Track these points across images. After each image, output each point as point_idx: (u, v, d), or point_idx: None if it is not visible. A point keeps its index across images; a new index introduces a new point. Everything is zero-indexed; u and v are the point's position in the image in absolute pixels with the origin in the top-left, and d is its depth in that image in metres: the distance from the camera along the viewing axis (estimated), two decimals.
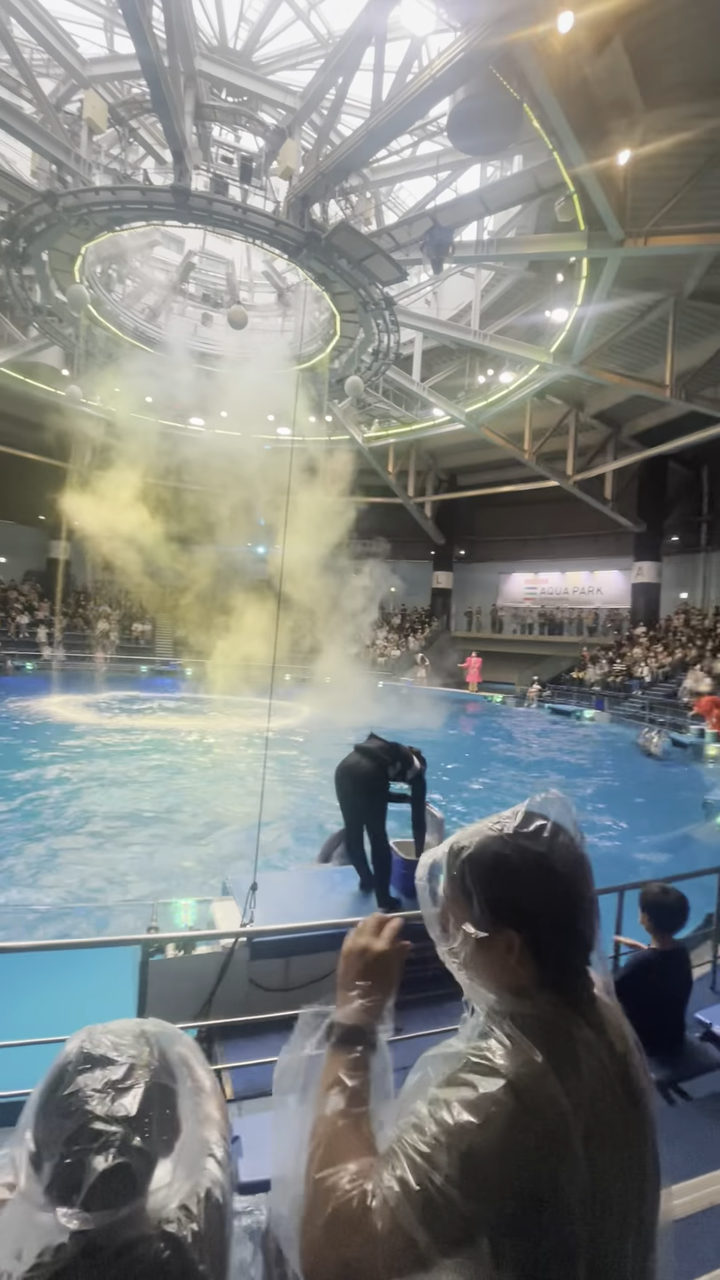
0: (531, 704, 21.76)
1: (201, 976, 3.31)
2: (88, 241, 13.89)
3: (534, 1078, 0.77)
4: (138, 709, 16.45)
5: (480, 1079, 0.77)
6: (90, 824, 7.48)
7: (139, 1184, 0.85)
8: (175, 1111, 0.91)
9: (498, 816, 0.94)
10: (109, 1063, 0.87)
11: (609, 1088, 0.81)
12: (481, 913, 0.88)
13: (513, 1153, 0.74)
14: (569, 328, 15.78)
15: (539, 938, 0.86)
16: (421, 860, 1.01)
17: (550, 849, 0.88)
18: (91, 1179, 0.80)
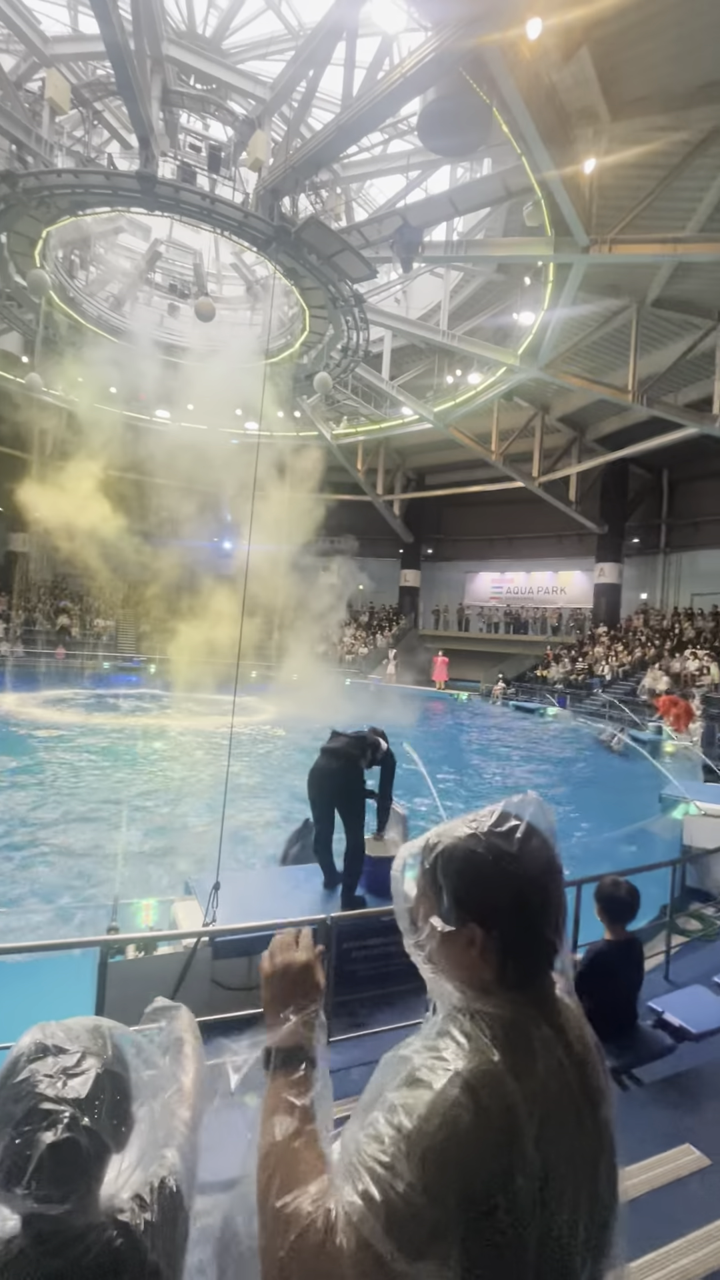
0: (496, 701, 22.07)
1: (163, 977, 3.27)
2: (49, 225, 13.50)
3: (490, 1077, 0.77)
4: (99, 706, 16.11)
5: (436, 1080, 0.77)
6: (49, 823, 7.31)
7: (88, 1163, 0.84)
8: (128, 1101, 0.91)
9: (474, 814, 0.95)
10: (61, 1051, 0.87)
11: (565, 1088, 0.82)
12: (449, 908, 0.90)
13: (471, 1155, 0.74)
14: (536, 331, 16.02)
15: (503, 936, 0.87)
16: (399, 854, 1.02)
17: (521, 850, 0.89)
18: (39, 1153, 0.79)
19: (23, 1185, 0.79)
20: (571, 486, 23.55)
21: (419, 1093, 0.77)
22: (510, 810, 0.93)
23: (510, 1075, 0.78)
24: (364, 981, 3.36)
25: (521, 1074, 0.79)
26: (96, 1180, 0.87)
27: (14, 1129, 0.81)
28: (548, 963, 0.90)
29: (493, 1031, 0.82)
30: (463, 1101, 0.75)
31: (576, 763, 13.98)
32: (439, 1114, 0.75)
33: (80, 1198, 0.85)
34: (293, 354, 18.83)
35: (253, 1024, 3.36)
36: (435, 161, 14.18)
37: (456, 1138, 0.74)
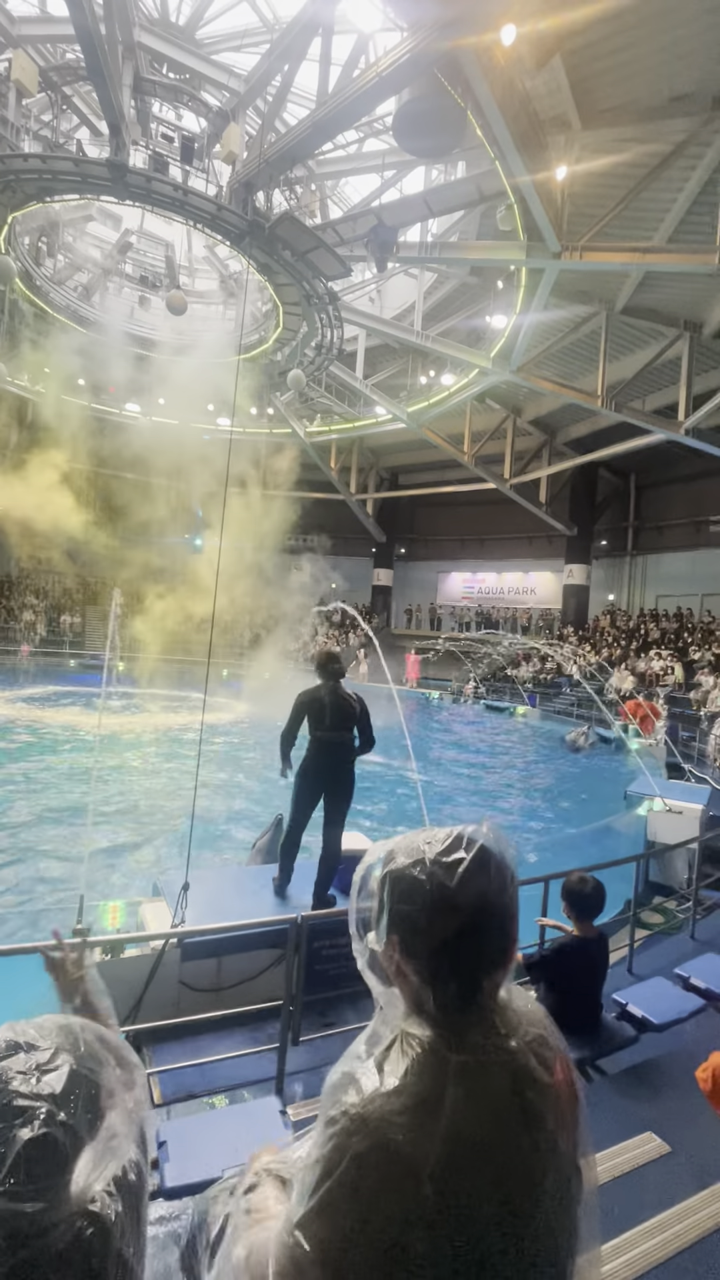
0: (467, 700, 22.29)
1: (130, 980, 3.21)
2: (15, 210, 13.16)
3: (388, 1119, 0.78)
4: (65, 704, 15.77)
5: (339, 1125, 0.80)
6: (14, 824, 7.13)
7: (65, 1159, 0.83)
8: (99, 1098, 0.90)
9: (430, 835, 0.94)
10: (33, 1048, 0.86)
11: (490, 1120, 0.81)
12: (385, 924, 0.91)
13: (359, 1207, 0.76)
14: (508, 334, 16.20)
15: (423, 966, 0.88)
16: (367, 856, 1.02)
17: (459, 885, 0.88)
18: (15, 1150, 0.78)
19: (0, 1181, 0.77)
20: (542, 489, 23.90)
21: (326, 1134, 0.80)
22: (464, 838, 0.92)
23: (415, 1111, 0.79)
24: (334, 980, 3.36)
25: (429, 1107, 0.79)
26: (67, 1181, 0.85)
27: None
28: (466, 1000, 0.88)
29: (412, 1059, 0.83)
30: (358, 1152, 0.77)
31: (545, 760, 14.21)
32: (335, 1164, 0.77)
33: (55, 1194, 0.84)
34: (266, 350, 18.70)
35: (220, 1026, 3.32)
36: (410, 162, 14.22)
37: (347, 1192, 0.76)
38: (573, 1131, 0.87)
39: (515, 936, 0.93)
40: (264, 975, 3.56)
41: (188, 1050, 3.15)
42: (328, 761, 4.14)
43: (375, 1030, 0.91)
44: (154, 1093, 2.94)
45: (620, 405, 17.08)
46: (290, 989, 2.98)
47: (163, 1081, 3.00)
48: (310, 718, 4.12)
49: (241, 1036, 3.31)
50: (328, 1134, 0.81)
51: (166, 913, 3.66)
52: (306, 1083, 3.03)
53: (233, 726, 14.41)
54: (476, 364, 18.12)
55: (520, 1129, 0.82)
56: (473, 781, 11.45)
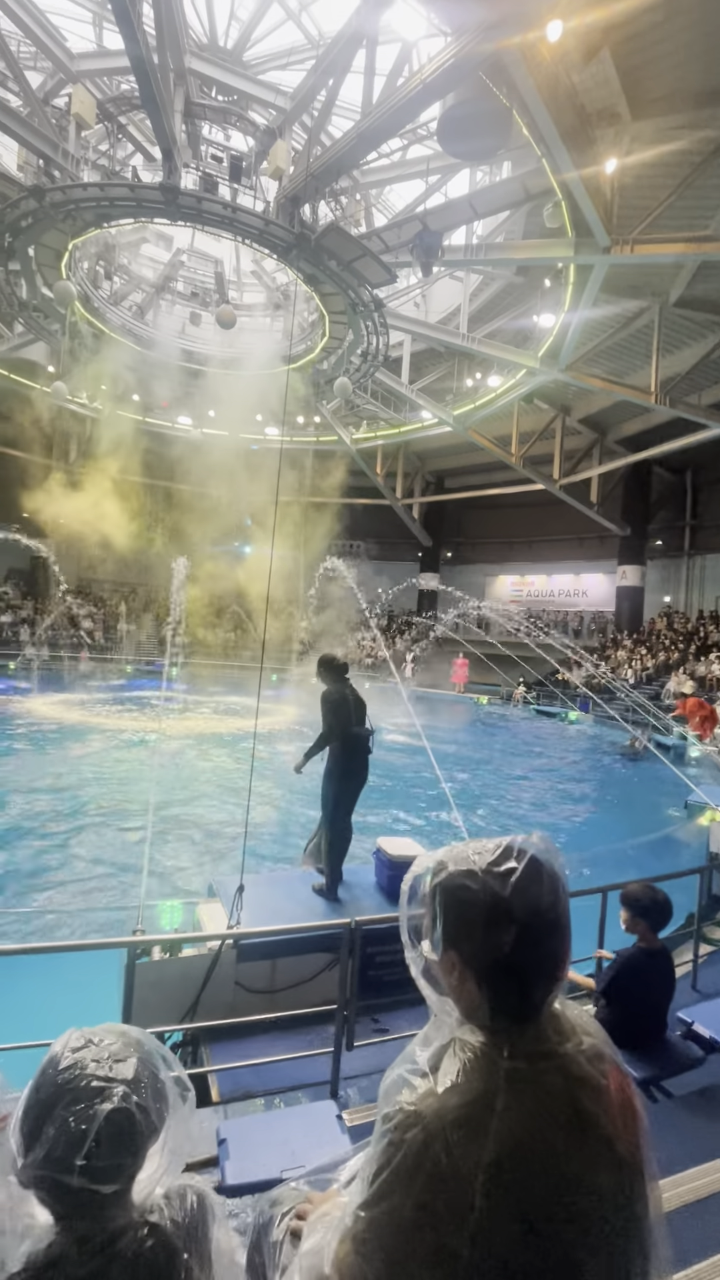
0: (517, 705, 21.90)
1: (188, 979, 3.29)
2: (75, 237, 13.78)
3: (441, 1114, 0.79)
4: (122, 708, 16.31)
5: (397, 1119, 0.81)
6: (77, 825, 7.42)
7: (140, 1138, 0.86)
8: (163, 1098, 0.92)
9: (480, 845, 0.95)
10: (102, 1043, 0.91)
11: (542, 1123, 0.80)
12: (439, 936, 0.92)
13: (413, 1199, 0.77)
14: (556, 333, 15.92)
15: (480, 975, 0.88)
16: (415, 865, 1.03)
17: (513, 894, 0.88)
18: (97, 1124, 0.82)
19: (82, 1155, 0.81)
20: (593, 488, 23.33)
21: (380, 1133, 0.82)
22: (515, 848, 0.92)
23: (467, 1109, 0.80)
24: (388, 987, 3.35)
25: (480, 1107, 0.80)
26: (139, 1167, 0.88)
27: (65, 1108, 0.83)
28: (524, 1008, 0.88)
29: (464, 1062, 0.84)
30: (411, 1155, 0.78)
31: (599, 768, 13.81)
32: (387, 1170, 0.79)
33: (127, 1180, 0.87)
34: (313, 359, 18.94)
35: (275, 1028, 3.36)
36: (455, 166, 14.20)
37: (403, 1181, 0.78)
38: (633, 1144, 0.85)
39: (568, 948, 0.93)
40: (317, 979, 3.58)
41: (244, 1050, 3.20)
42: (362, 758, 4.33)
43: (428, 1035, 0.93)
44: (212, 1090, 3.00)
45: (675, 400, 16.52)
46: (344, 994, 2.99)
47: (220, 1080, 3.06)
48: (344, 716, 4.27)
49: (296, 1039, 3.34)
50: (383, 1130, 0.83)
51: (222, 914, 3.73)
52: (361, 1088, 3.03)
53: (282, 730, 14.59)
54: (524, 364, 17.87)
55: (574, 1134, 0.81)
56: (523, 789, 11.23)
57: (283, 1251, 1.19)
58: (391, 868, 4.22)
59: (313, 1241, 0.97)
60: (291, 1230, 1.19)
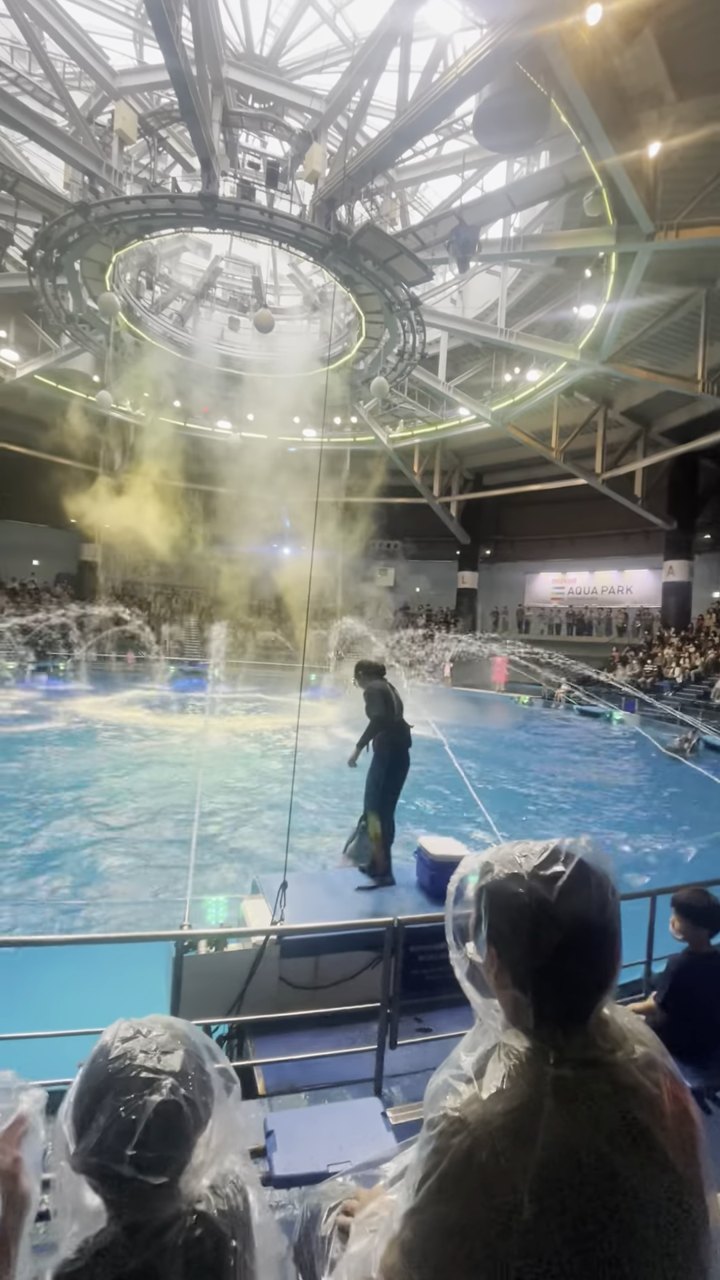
0: (559, 705, 21.50)
1: (233, 973, 3.35)
2: (118, 250, 14.18)
3: (486, 1120, 0.78)
4: (166, 707, 16.70)
5: (441, 1125, 0.81)
6: (124, 821, 7.64)
7: (188, 1130, 0.88)
8: (209, 1089, 0.94)
9: (527, 847, 0.93)
10: (150, 1034, 0.93)
11: (591, 1132, 0.78)
12: (484, 938, 0.91)
13: (460, 1205, 0.76)
14: (597, 324, 15.56)
15: (524, 980, 0.87)
16: (461, 866, 1.02)
17: (559, 899, 0.86)
18: (146, 1116, 0.84)
19: (132, 1146, 0.83)
20: (637, 482, 22.70)
21: (425, 1138, 0.82)
22: (563, 851, 0.90)
23: (512, 1116, 0.78)
24: (431, 986, 3.33)
25: (526, 1115, 0.78)
26: (187, 1159, 0.90)
27: (116, 1097, 0.85)
28: (568, 1015, 0.87)
29: (509, 1068, 0.83)
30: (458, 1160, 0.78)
31: (647, 769, 13.44)
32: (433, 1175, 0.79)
33: (175, 1171, 0.88)
34: (349, 360, 19.01)
35: (318, 1024, 3.37)
36: (491, 159, 14.03)
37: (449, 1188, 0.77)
38: (689, 1155, 0.82)
39: (618, 955, 0.90)
40: (360, 976, 3.59)
41: (289, 1045, 3.23)
42: (406, 749, 4.46)
43: (473, 1039, 0.92)
44: (258, 1083, 3.05)
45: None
46: (387, 992, 2.99)
47: (265, 1073, 3.10)
48: (390, 705, 4.43)
49: (339, 1035, 3.36)
50: (428, 1135, 0.82)
51: (266, 910, 3.78)
52: (405, 1086, 3.03)
53: (321, 729, 14.68)
54: (564, 357, 17.53)
55: (625, 1145, 0.79)
56: (566, 790, 11.02)
57: (330, 1246, 1.20)
58: (433, 867, 4.20)
59: (360, 1245, 0.97)
60: (339, 1225, 1.20)
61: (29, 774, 9.55)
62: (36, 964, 3.88)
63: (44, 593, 26.71)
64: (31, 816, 7.69)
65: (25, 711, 14.48)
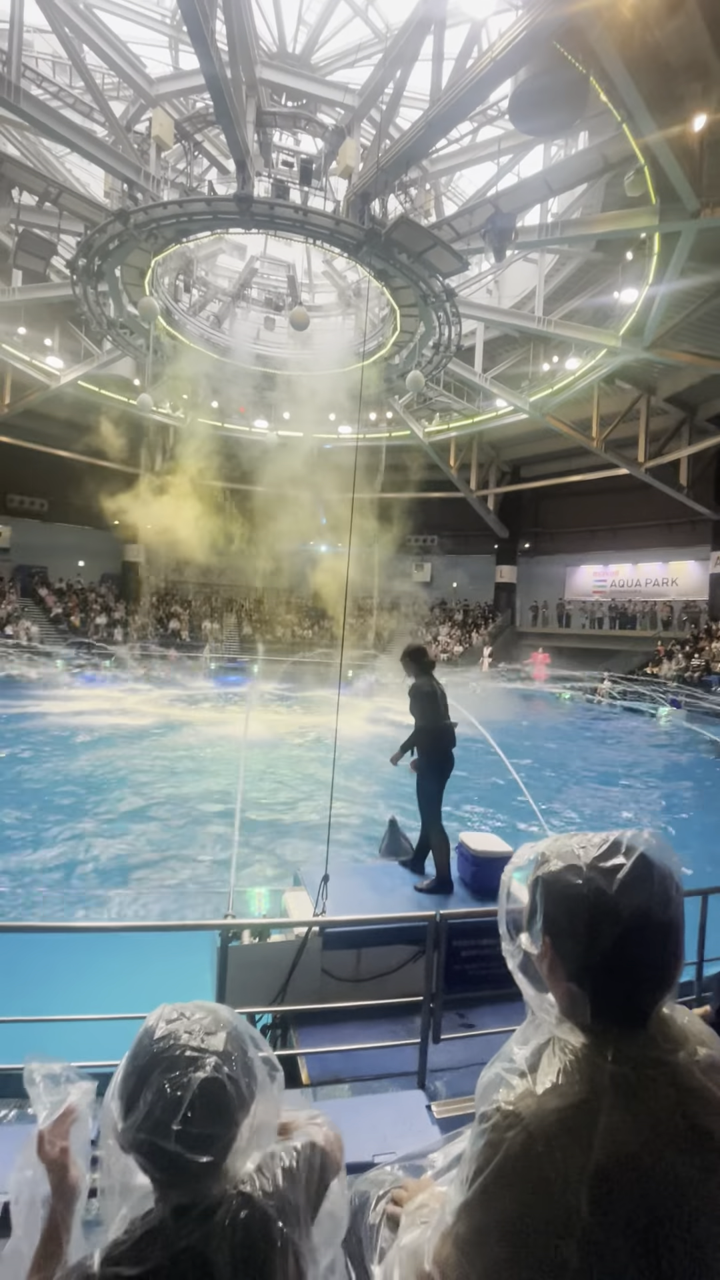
0: (602, 701, 21.03)
1: (277, 964, 3.39)
2: (157, 255, 14.44)
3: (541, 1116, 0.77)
4: (209, 703, 17.01)
5: (494, 1119, 0.80)
6: (168, 813, 7.82)
7: (232, 1108, 0.89)
8: (252, 1073, 0.95)
9: (585, 839, 0.92)
10: (193, 1017, 0.95)
11: (651, 1135, 0.76)
12: (539, 930, 0.90)
13: (514, 1202, 0.75)
14: (639, 308, 15.10)
15: (580, 974, 0.85)
16: (514, 858, 1.01)
17: (619, 892, 0.84)
18: (191, 1092, 0.86)
19: (178, 1122, 0.84)
20: (682, 470, 21.97)
21: (478, 1144, 0.81)
22: (623, 844, 0.88)
23: (568, 1113, 0.77)
24: (473, 981, 3.32)
25: (582, 1113, 0.77)
26: (232, 1139, 0.91)
27: (162, 1073, 0.87)
28: (628, 1013, 0.85)
29: (565, 1064, 0.81)
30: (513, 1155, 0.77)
31: (696, 766, 13.03)
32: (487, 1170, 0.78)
33: (220, 1150, 0.89)
34: (384, 354, 18.94)
35: (360, 1016, 3.39)
36: (527, 143, 13.75)
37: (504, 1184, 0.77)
38: None
39: (681, 953, 0.88)
40: (402, 970, 3.60)
41: (331, 1036, 3.26)
42: (450, 752, 4.33)
43: (526, 1033, 0.91)
44: (302, 1073, 3.08)
45: None
46: (430, 986, 2.98)
47: (309, 1063, 3.14)
48: (437, 709, 4.29)
49: (381, 1028, 3.37)
50: (481, 1129, 0.82)
51: (308, 902, 3.82)
52: (448, 1081, 3.02)
53: (359, 722, 14.72)
54: (605, 344, 17.08)
55: (688, 1148, 0.76)
56: (611, 787, 10.77)
57: (379, 1235, 1.20)
58: (475, 863, 4.17)
59: (412, 1236, 0.97)
60: (388, 1215, 1.20)
61: (75, 766, 9.87)
62: (83, 951, 4.01)
63: (89, 592, 27.51)
64: (78, 808, 7.95)
65: (74, 706, 14.96)
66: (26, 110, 11.08)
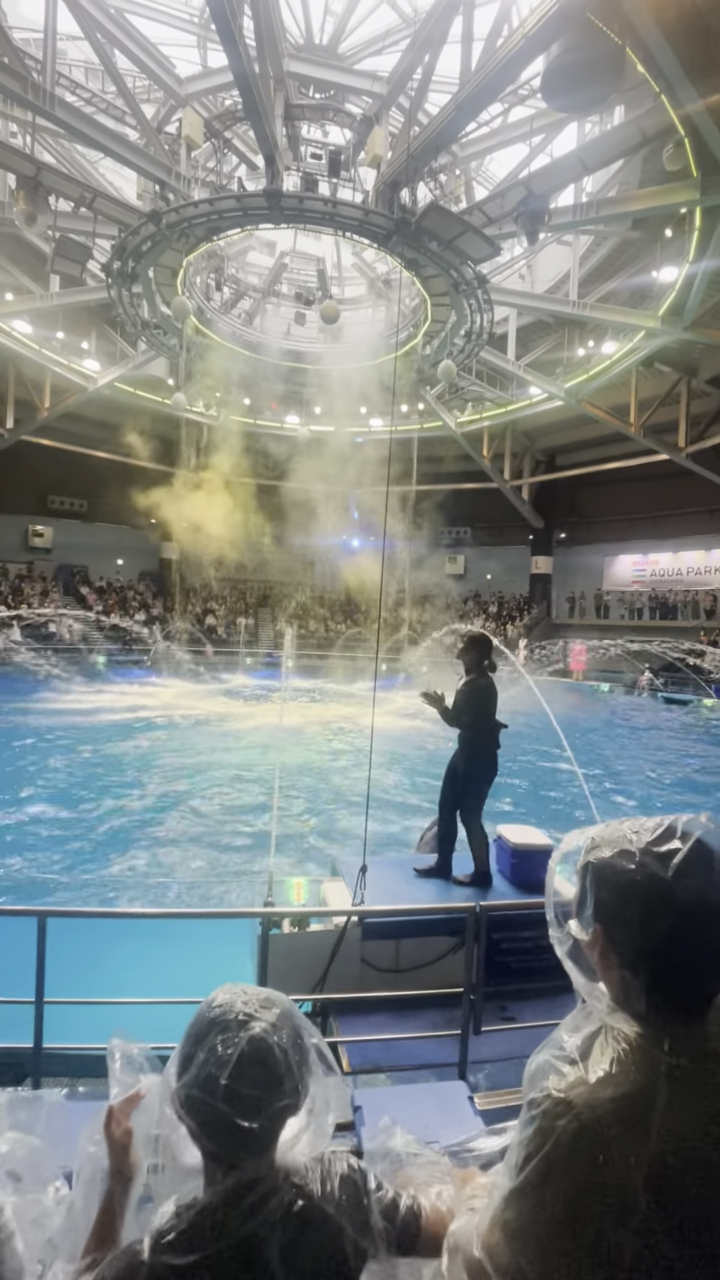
0: (642, 693, 20.53)
1: (316, 952, 3.42)
2: (188, 254, 14.60)
3: (596, 1115, 0.75)
4: (245, 697, 17.22)
5: (545, 1105, 0.78)
6: (206, 804, 7.96)
7: (280, 1075, 0.90)
8: (304, 1045, 0.95)
9: (638, 824, 0.89)
10: (249, 994, 0.97)
11: (711, 1130, 0.74)
12: (589, 917, 0.87)
13: (567, 1189, 0.73)
14: (679, 287, 14.59)
15: (634, 963, 0.82)
16: (562, 843, 0.99)
17: (675, 877, 0.81)
18: (240, 1049, 0.88)
19: (226, 1077, 0.86)
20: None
21: (528, 1132, 0.79)
22: (678, 828, 0.85)
23: (623, 1103, 0.75)
24: (514, 974, 3.28)
25: (638, 1104, 0.75)
26: (281, 1109, 0.91)
27: (214, 1036, 0.90)
28: (687, 1003, 0.82)
29: (619, 1053, 0.79)
30: (564, 1144, 0.75)
31: None
32: (538, 1157, 0.76)
33: (267, 1120, 0.89)
34: (415, 345, 18.77)
35: (400, 1006, 3.40)
36: (560, 121, 13.40)
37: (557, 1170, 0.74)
38: None
39: None
40: (441, 962, 3.58)
41: (371, 1025, 3.27)
42: (497, 751, 4.22)
43: (577, 1021, 0.89)
44: (343, 1061, 3.10)
45: None
46: (470, 977, 2.96)
47: (349, 1051, 3.16)
48: (491, 709, 4.18)
49: (420, 1019, 3.37)
50: (530, 1115, 0.80)
51: (346, 893, 3.84)
52: (489, 1073, 3.00)
53: (394, 715, 14.71)
54: (642, 326, 16.57)
55: None
56: (657, 779, 10.52)
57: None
58: (514, 855, 4.12)
59: (460, 1223, 0.97)
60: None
61: (118, 758, 10.13)
62: (123, 936, 4.11)
63: (128, 590, 28.11)
64: (120, 798, 8.15)
65: (113, 701, 15.34)
66: (62, 117, 11.31)
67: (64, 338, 19.75)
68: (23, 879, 5.80)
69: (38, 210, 12.15)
